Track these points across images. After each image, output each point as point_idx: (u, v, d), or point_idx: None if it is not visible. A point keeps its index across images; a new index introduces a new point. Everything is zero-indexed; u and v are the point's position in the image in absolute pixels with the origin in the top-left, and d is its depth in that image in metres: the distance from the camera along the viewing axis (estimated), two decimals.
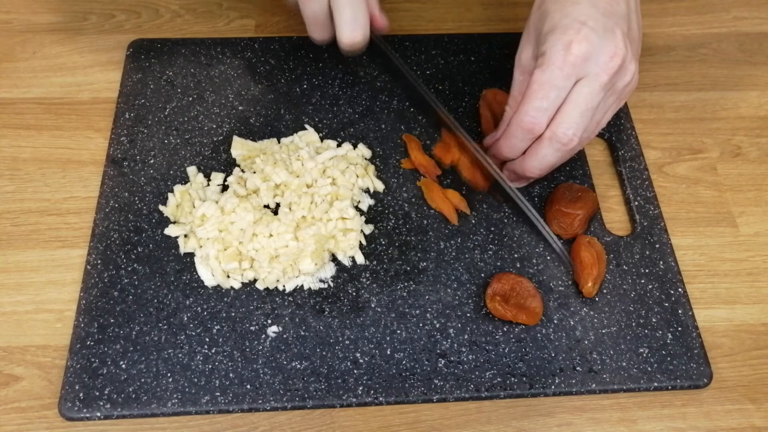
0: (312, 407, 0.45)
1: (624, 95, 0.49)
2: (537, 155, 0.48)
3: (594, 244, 0.50)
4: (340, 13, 0.50)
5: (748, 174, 0.57)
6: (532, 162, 0.49)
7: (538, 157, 0.48)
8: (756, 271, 0.52)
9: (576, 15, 0.46)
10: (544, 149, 0.48)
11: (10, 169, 0.55)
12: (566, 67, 0.45)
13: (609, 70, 0.45)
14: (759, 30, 0.67)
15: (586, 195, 0.52)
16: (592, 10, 0.46)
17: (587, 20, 0.46)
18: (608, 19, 0.46)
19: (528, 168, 0.49)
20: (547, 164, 0.49)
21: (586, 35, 0.45)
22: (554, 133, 0.47)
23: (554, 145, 0.47)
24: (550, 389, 0.46)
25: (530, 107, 0.46)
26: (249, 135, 0.56)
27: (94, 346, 0.46)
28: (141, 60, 0.60)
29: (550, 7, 0.47)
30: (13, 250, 0.51)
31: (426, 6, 0.67)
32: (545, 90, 0.46)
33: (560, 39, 0.45)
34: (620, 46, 0.46)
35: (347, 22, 0.50)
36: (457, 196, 0.53)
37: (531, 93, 0.46)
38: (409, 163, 0.55)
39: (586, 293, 0.49)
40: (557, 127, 0.46)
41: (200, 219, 0.50)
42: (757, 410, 0.47)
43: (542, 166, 0.49)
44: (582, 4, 0.46)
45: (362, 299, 0.49)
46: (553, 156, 0.48)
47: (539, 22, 0.48)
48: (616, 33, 0.46)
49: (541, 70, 0.46)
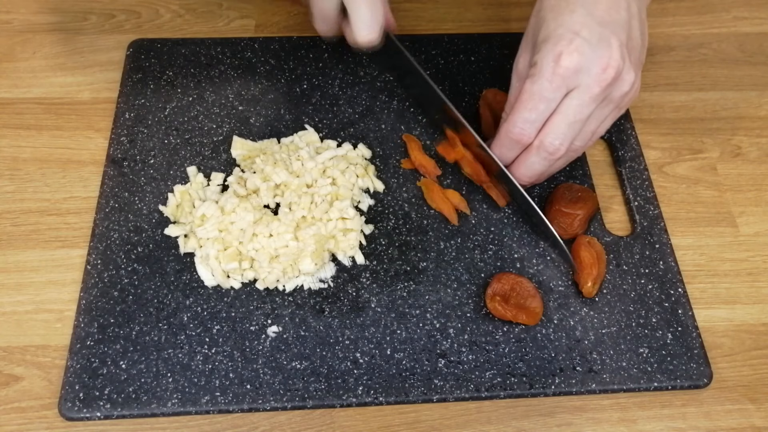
0: (312, 407, 0.45)
1: (623, 104, 0.48)
2: (525, 163, 0.49)
3: (594, 244, 0.50)
4: (357, 13, 0.49)
5: (748, 174, 0.57)
6: (520, 170, 0.49)
7: (526, 165, 0.49)
8: (756, 271, 0.52)
9: (570, 24, 0.45)
10: (531, 158, 0.48)
11: (10, 169, 0.55)
12: (555, 79, 0.45)
13: (601, 82, 0.45)
14: (759, 30, 0.67)
15: (586, 195, 0.52)
16: (587, 19, 0.45)
17: (581, 30, 0.45)
18: (604, 29, 0.45)
19: (517, 175, 0.50)
20: (535, 172, 0.49)
21: (578, 46, 0.45)
22: (542, 142, 0.47)
23: (541, 155, 0.48)
24: (550, 389, 0.46)
25: (519, 118, 0.47)
26: (249, 135, 0.56)
27: (94, 346, 0.46)
28: (141, 60, 0.60)
29: (547, 15, 0.47)
30: (13, 250, 0.51)
31: (426, 6, 0.67)
32: (534, 102, 0.46)
33: (552, 50, 0.45)
34: (615, 57, 0.45)
35: (365, 22, 0.50)
36: (457, 196, 0.53)
37: (520, 104, 0.47)
38: (409, 163, 0.55)
39: (586, 293, 0.49)
40: (545, 137, 0.47)
41: (200, 219, 0.50)
42: (757, 410, 0.47)
43: (530, 174, 0.49)
44: (578, 13, 0.46)
45: (362, 299, 0.49)
46: (540, 164, 0.48)
47: (536, 28, 0.48)
48: (611, 43, 0.45)
49: (531, 81, 0.46)
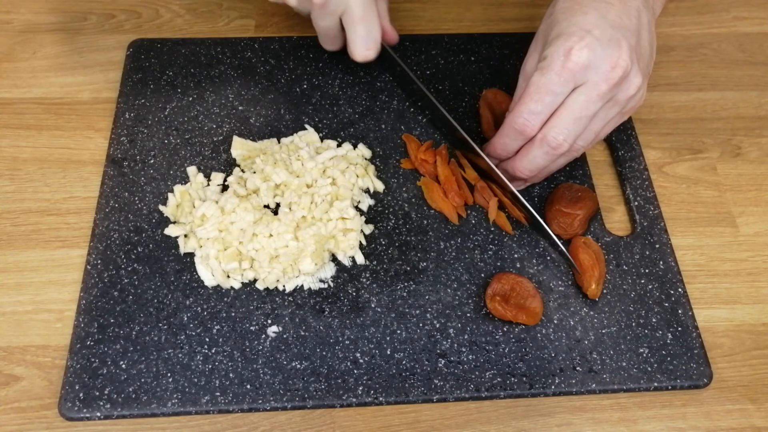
0: (312, 407, 0.45)
1: (628, 109, 0.48)
2: (527, 156, 0.48)
3: (590, 244, 0.50)
4: (353, 31, 0.51)
5: (748, 174, 0.57)
6: (522, 162, 0.49)
7: (528, 158, 0.48)
8: (756, 271, 0.52)
9: (583, 24, 0.46)
10: (534, 151, 0.48)
11: (10, 169, 0.55)
12: (564, 72, 0.45)
13: (609, 80, 0.45)
14: (759, 30, 0.67)
15: (586, 195, 0.52)
16: (600, 21, 0.46)
17: (593, 29, 0.45)
18: (615, 31, 0.46)
19: (518, 168, 0.49)
20: (537, 166, 0.49)
21: (589, 43, 0.45)
22: (545, 136, 0.47)
23: (544, 148, 0.47)
24: (550, 389, 0.46)
25: (524, 109, 0.47)
26: (249, 135, 0.56)
27: (94, 346, 0.46)
28: (141, 60, 0.60)
29: (559, 16, 0.47)
30: (13, 250, 0.51)
31: (426, 6, 0.67)
32: (541, 94, 0.46)
33: (562, 45, 0.45)
34: (624, 58, 0.45)
35: (361, 38, 0.51)
36: (458, 197, 0.53)
37: (527, 95, 0.46)
38: (408, 163, 0.55)
39: (591, 295, 0.49)
40: (549, 130, 0.47)
41: (200, 219, 0.50)
42: (757, 410, 0.47)
43: (532, 167, 0.49)
44: (590, 15, 0.46)
45: (362, 299, 0.49)
46: (542, 159, 0.48)
47: (547, 30, 0.48)
48: (621, 45, 0.45)
49: (539, 74, 0.46)
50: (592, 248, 0.50)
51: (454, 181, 0.53)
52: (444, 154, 0.55)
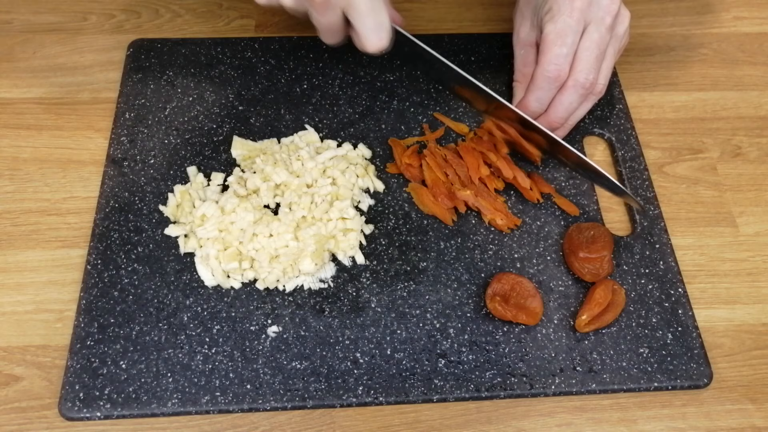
0: (312, 407, 0.45)
1: (622, 45, 0.54)
2: (563, 103, 0.52)
3: (617, 293, 0.48)
4: (362, 23, 0.49)
5: (748, 174, 0.57)
6: (558, 111, 0.52)
7: (564, 105, 0.52)
8: (756, 271, 0.52)
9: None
10: (568, 96, 0.51)
11: (10, 169, 0.55)
12: (575, 13, 0.50)
13: (611, 12, 0.51)
14: (759, 30, 0.67)
15: (598, 231, 0.50)
16: None
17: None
18: None
19: (554, 117, 0.53)
20: (572, 110, 0.53)
21: None
22: (576, 80, 0.51)
23: (578, 90, 0.51)
24: (550, 389, 0.46)
25: (552, 56, 0.50)
26: (249, 135, 0.56)
27: (94, 346, 0.46)
28: (141, 60, 0.60)
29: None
30: (13, 250, 0.51)
31: (426, 6, 0.67)
32: (562, 37, 0.50)
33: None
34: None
35: (372, 30, 0.49)
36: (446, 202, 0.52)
37: (549, 43, 0.50)
38: (394, 167, 0.54)
39: (577, 325, 0.47)
40: (578, 74, 0.51)
41: (200, 219, 0.50)
42: (757, 410, 0.47)
43: (568, 113, 0.53)
44: None
45: (362, 299, 0.49)
46: (577, 102, 0.52)
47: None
48: None
49: (552, 23, 0.50)
50: (615, 296, 0.48)
51: (441, 183, 0.53)
52: (433, 156, 0.54)
